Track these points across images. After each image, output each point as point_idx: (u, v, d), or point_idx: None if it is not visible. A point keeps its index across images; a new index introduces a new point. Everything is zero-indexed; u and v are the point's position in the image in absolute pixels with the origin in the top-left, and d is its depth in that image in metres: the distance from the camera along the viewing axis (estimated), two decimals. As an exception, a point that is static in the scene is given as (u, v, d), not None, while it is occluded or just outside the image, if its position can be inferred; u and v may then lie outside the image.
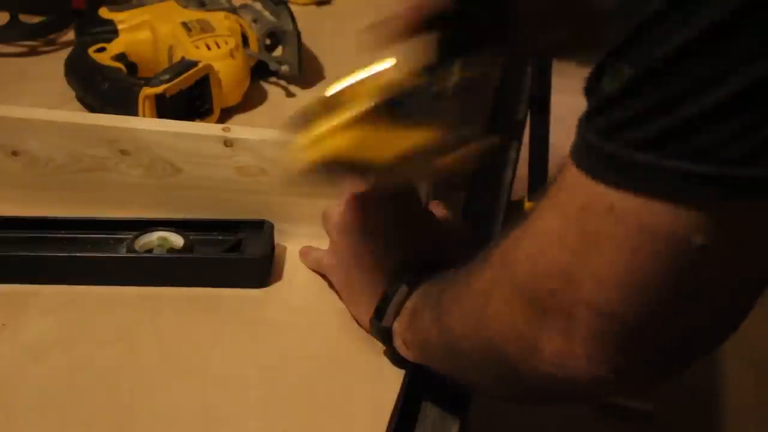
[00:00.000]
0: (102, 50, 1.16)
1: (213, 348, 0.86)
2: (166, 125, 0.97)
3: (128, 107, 1.05)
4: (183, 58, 1.11)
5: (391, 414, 0.81)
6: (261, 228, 0.95)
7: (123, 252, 0.92)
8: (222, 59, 1.12)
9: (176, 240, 0.94)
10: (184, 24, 1.15)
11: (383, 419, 0.80)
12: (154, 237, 0.94)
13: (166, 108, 1.05)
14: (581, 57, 0.76)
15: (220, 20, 1.16)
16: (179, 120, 0.99)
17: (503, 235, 0.68)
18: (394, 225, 0.87)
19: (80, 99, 1.14)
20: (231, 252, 0.94)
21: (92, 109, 1.10)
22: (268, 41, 1.20)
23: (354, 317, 0.88)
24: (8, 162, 0.97)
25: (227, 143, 0.95)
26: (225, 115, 1.13)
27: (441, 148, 0.74)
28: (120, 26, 1.18)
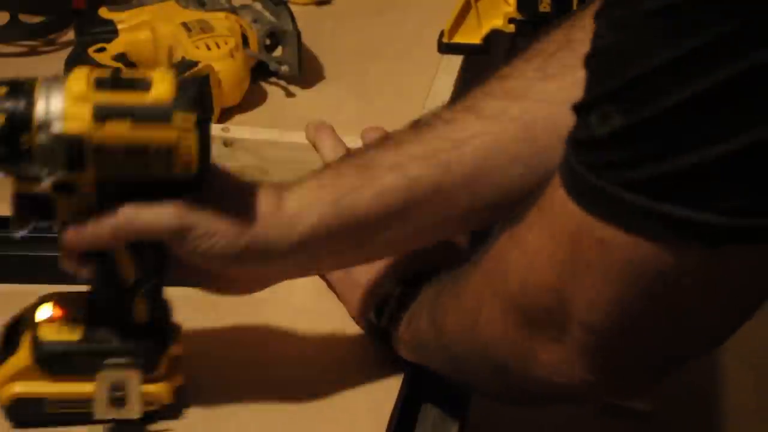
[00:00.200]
0: (102, 50, 1.16)
1: (213, 348, 0.86)
2: (166, 125, 0.97)
3: (128, 107, 1.04)
4: (183, 59, 1.11)
5: (391, 415, 0.81)
6: (261, 228, 0.95)
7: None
8: (222, 59, 1.12)
9: (176, 240, 0.94)
10: (184, 24, 1.15)
11: (383, 420, 0.80)
12: (154, 237, 0.94)
13: (166, 108, 1.05)
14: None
15: (220, 20, 1.16)
16: (179, 120, 0.99)
17: (494, 239, 0.68)
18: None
19: (80, 99, 1.13)
20: (231, 252, 0.94)
21: (92, 109, 1.10)
22: (268, 41, 1.20)
23: (352, 317, 0.88)
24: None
25: (227, 143, 0.95)
26: (225, 115, 1.12)
27: None
28: (120, 26, 1.18)
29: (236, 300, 0.90)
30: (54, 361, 0.77)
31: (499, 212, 0.76)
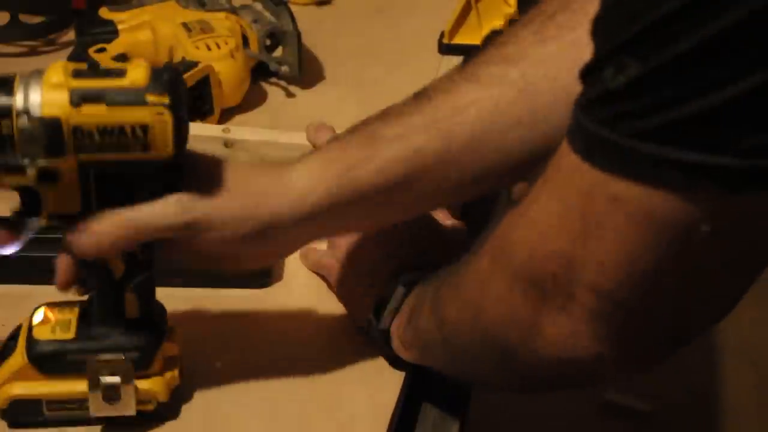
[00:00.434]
0: (102, 50, 1.16)
1: (213, 348, 0.86)
2: (167, 125, 0.97)
3: (128, 107, 1.04)
4: (183, 59, 1.11)
5: (392, 415, 0.81)
6: (261, 228, 0.95)
7: (123, 252, 0.92)
8: (222, 60, 1.12)
9: (176, 240, 0.94)
10: (185, 24, 1.15)
11: (384, 420, 0.80)
12: (155, 237, 0.94)
13: (167, 108, 1.05)
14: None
15: (220, 21, 1.16)
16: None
17: (497, 222, 0.67)
18: (393, 226, 0.87)
19: (80, 99, 1.14)
20: (231, 252, 0.94)
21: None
22: (268, 42, 1.20)
23: (352, 319, 0.88)
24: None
25: (227, 144, 0.95)
26: (225, 116, 1.13)
27: None
28: (120, 26, 1.18)
29: (236, 300, 0.91)
30: (48, 360, 0.77)
31: (502, 178, 0.78)
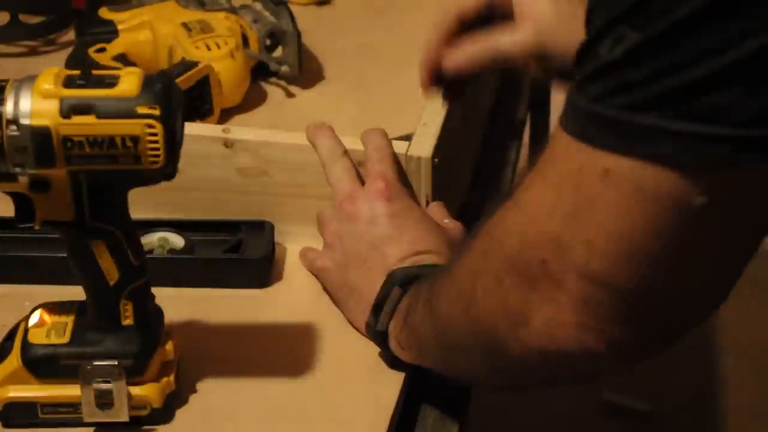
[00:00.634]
0: (102, 50, 1.16)
1: (212, 348, 0.86)
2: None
3: (128, 108, 1.04)
4: (183, 59, 1.11)
5: (392, 415, 0.81)
6: (261, 228, 0.95)
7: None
8: (222, 60, 1.12)
9: (177, 241, 0.94)
10: (184, 24, 1.15)
11: (384, 421, 0.80)
12: (155, 238, 0.94)
13: (167, 108, 1.05)
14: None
15: (220, 21, 1.16)
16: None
17: (489, 214, 0.68)
18: (390, 227, 0.87)
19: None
20: (231, 252, 0.94)
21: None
22: (268, 41, 1.20)
23: (349, 321, 0.88)
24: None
25: (227, 144, 0.95)
26: (225, 116, 1.13)
27: None
28: (120, 26, 1.18)
29: (236, 300, 0.91)
30: (42, 364, 0.77)
31: None
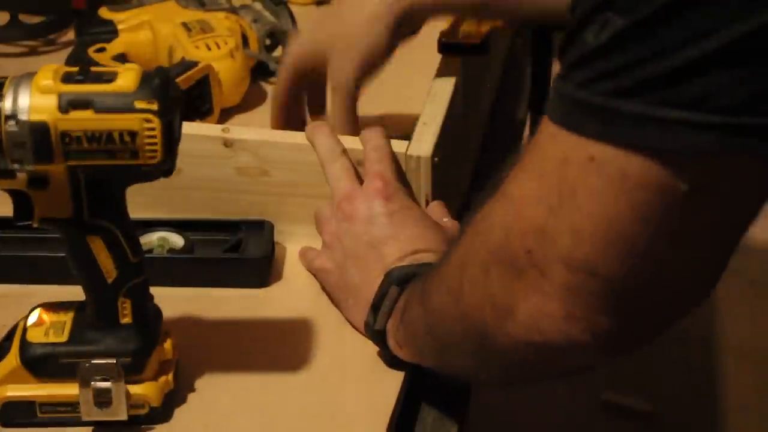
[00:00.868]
0: (102, 50, 1.16)
1: (211, 348, 0.86)
2: (166, 125, 0.97)
3: (128, 107, 1.04)
4: (183, 59, 1.11)
5: (391, 415, 0.81)
6: (261, 228, 0.95)
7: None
8: (222, 59, 1.12)
9: (176, 240, 0.94)
10: (184, 24, 1.15)
11: (383, 420, 0.80)
12: (155, 237, 0.94)
13: (166, 108, 1.05)
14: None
15: (220, 20, 1.16)
16: (179, 120, 0.99)
17: (477, 208, 0.68)
18: (389, 226, 0.87)
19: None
20: (231, 252, 0.94)
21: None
22: (268, 41, 1.20)
23: (348, 321, 0.88)
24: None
25: (227, 143, 0.95)
26: (225, 116, 1.13)
27: None
28: (120, 26, 1.18)
29: (235, 299, 0.91)
30: (41, 363, 0.77)
31: None
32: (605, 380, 1.99)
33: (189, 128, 0.95)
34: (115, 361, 0.76)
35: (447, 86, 1.03)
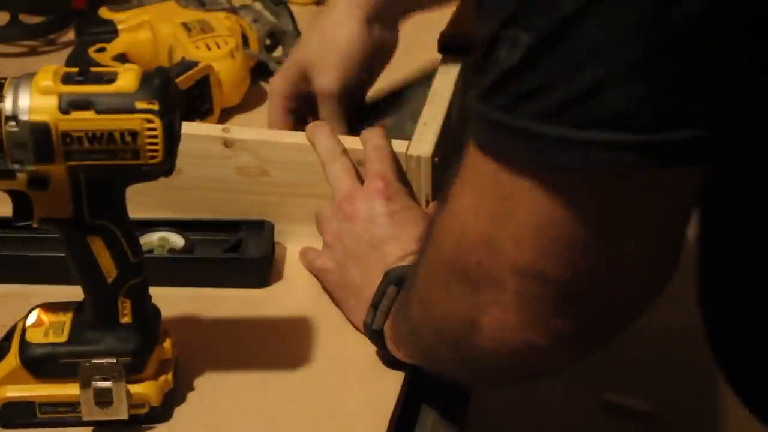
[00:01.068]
0: (102, 50, 1.16)
1: (212, 348, 0.86)
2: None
3: (128, 107, 1.04)
4: (183, 59, 1.11)
5: (391, 416, 0.81)
6: (261, 228, 0.95)
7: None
8: (222, 59, 1.12)
9: (176, 240, 0.94)
10: (184, 24, 1.15)
11: (383, 421, 0.80)
12: (155, 237, 0.94)
13: (166, 108, 1.05)
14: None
15: (220, 20, 1.16)
16: (179, 120, 0.99)
17: (431, 221, 0.69)
18: (389, 226, 0.87)
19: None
20: (231, 252, 0.94)
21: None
22: (268, 41, 1.20)
23: (349, 320, 0.88)
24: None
25: (227, 143, 0.95)
26: (225, 116, 1.13)
27: None
28: (120, 26, 1.18)
29: (236, 299, 0.91)
30: (40, 363, 0.77)
31: None
32: (605, 380, 1.99)
33: (189, 128, 0.95)
34: (116, 361, 0.76)
35: (447, 86, 1.03)
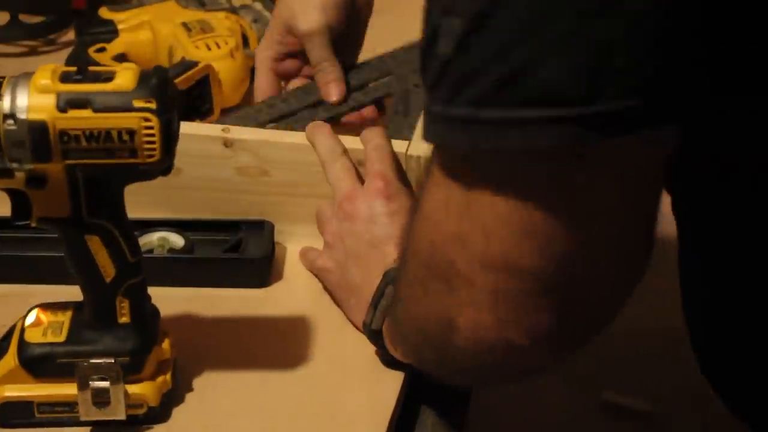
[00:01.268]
0: (102, 50, 1.16)
1: (211, 348, 0.86)
2: (166, 125, 0.97)
3: (128, 107, 1.04)
4: (183, 59, 1.11)
5: (391, 416, 0.81)
6: (261, 228, 0.95)
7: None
8: (222, 59, 1.12)
9: (176, 240, 0.94)
10: (184, 24, 1.15)
11: (383, 422, 0.80)
12: (155, 237, 0.94)
13: (166, 108, 1.05)
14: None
15: (220, 20, 1.16)
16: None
17: (407, 224, 0.69)
18: (390, 225, 0.87)
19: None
20: (231, 252, 0.94)
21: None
22: (268, 41, 1.20)
23: (350, 320, 0.88)
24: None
25: (227, 143, 0.95)
26: (225, 116, 1.12)
27: None
28: (120, 26, 1.18)
29: (236, 299, 0.91)
30: (39, 363, 0.77)
31: None
32: (605, 380, 1.99)
33: (189, 128, 0.95)
34: (114, 361, 0.76)
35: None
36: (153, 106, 0.70)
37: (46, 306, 0.80)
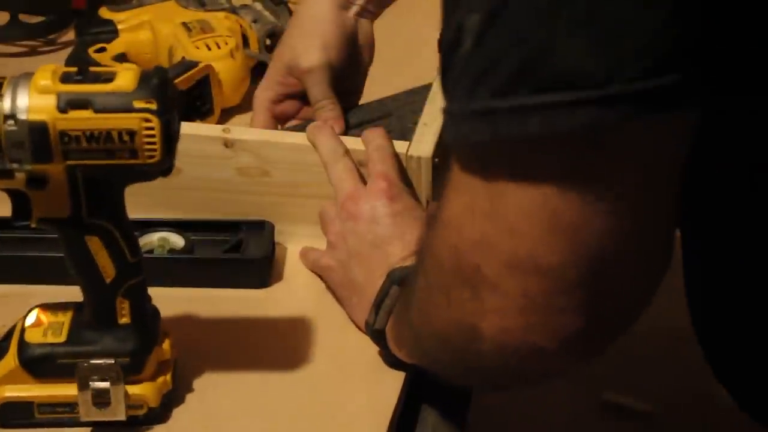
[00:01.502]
0: (102, 50, 1.16)
1: (212, 348, 0.86)
2: (167, 126, 0.97)
3: (128, 107, 1.04)
4: (183, 59, 1.11)
5: (392, 416, 0.81)
6: (261, 228, 0.95)
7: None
8: (222, 59, 1.12)
9: (177, 240, 0.94)
10: (184, 24, 1.15)
11: (384, 421, 0.80)
12: (155, 237, 0.94)
13: (167, 108, 1.05)
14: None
15: (220, 20, 1.16)
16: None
17: (427, 227, 0.69)
18: (392, 226, 0.87)
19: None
20: (231, 252, 0.94)
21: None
22: (268, 41, 1.20)
23: (352, 319, 0.88)
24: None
25: (227, 144, 0.95)
26: (225, 116, 1.13)
27: None
28: (120, 26, 1.18)
29: (236, 300, 0.91)
30: (39, 363, 0.77)
31: None
32: (605, 380, 1.99)
33: (189, 128, 0.95)
34: (114, 361, 0.76)
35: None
36: (153, 107, 0.70)
37: (47, 306, 0.80)
